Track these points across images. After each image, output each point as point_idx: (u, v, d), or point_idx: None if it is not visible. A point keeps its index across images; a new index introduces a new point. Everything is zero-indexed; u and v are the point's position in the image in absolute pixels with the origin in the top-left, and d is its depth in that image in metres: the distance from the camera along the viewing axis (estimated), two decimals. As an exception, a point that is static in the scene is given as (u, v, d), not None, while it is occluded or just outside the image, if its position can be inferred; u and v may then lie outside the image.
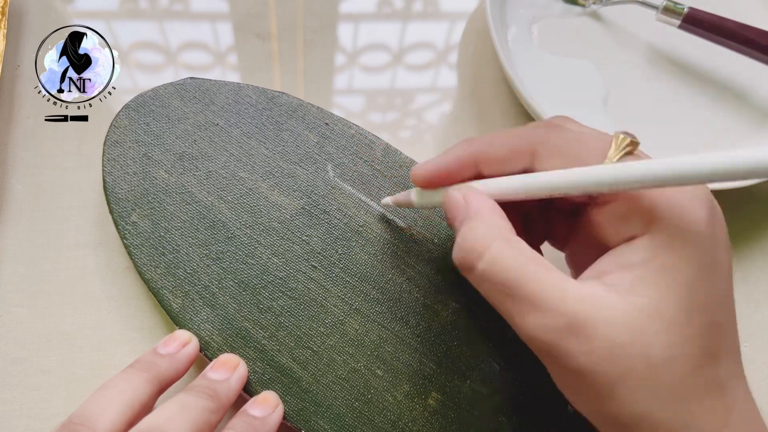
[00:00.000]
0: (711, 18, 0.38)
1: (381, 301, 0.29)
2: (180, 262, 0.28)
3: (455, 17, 0.42)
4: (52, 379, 0.29)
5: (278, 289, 0.28)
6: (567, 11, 0.41)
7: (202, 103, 0.32)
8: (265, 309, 0.28)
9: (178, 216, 0.29)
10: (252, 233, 0.29)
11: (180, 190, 0.30)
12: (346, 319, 0.28)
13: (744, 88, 0.40)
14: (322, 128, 0.33)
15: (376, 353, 0.28)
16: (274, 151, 0.32)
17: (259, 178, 0.31)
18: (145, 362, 0.25)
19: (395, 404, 0.27)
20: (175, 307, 0.27)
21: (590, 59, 0.40)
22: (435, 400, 0.27)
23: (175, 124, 0.31)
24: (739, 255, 0.36)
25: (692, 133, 0.38)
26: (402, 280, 0.29)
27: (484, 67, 0.40)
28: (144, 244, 0.28)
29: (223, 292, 0.28)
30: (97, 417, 0.22)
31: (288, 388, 0.27)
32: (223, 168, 0.31)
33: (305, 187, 0.31)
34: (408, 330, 0.28)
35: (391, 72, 0.40)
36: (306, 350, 0.27)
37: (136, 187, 0.30)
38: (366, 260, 0.30)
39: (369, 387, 0.27)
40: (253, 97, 0.33)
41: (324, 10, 0.41)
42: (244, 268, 0.29)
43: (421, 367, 0.28)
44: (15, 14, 0.37)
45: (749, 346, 0.34)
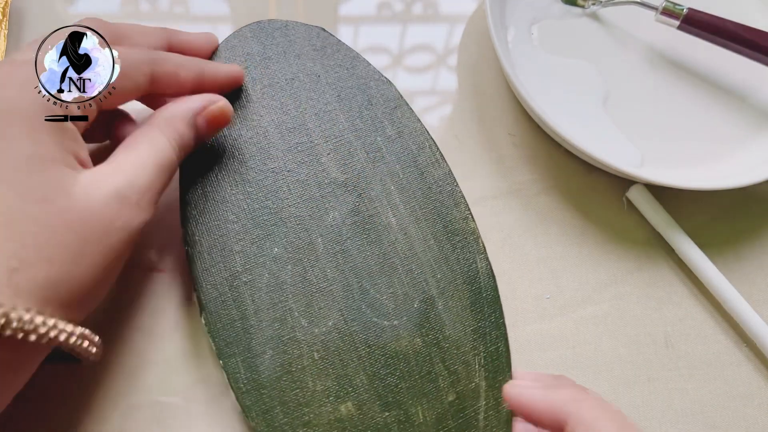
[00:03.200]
0: (710, 19, 0.38)
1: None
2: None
3: (455, 19, 0.42)
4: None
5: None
6: (567, 12, 0.41)
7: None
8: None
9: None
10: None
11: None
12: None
13: (744, 89, 0.40)
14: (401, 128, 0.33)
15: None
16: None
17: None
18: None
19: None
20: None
21: (590, 60, 0.40)
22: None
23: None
24: (739, 255, 0.36)
25: (692, 134, 0.38)
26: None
27: (484, 69, 0.40)
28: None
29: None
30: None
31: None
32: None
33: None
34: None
35: (391, 74, 0.40)
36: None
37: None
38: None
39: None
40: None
41: (324, 13, 0.41)
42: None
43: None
44: (15, 14, 0.37)
45: (748, 348, 0.34)
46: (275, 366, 0.27)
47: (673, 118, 0.39)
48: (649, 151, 0.37)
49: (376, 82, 0.33)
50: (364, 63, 0.34)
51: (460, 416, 0.28)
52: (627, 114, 0.38)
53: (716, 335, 0.34)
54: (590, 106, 0.38)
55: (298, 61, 0.33)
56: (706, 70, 0.40)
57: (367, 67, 0.34)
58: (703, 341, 0.34)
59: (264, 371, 0.27)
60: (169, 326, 0.31)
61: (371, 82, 0.33)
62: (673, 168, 0.37)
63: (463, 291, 0.30)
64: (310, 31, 0.34)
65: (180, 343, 0.30)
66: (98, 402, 0.29)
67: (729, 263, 0.36)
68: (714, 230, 0.37)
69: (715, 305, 0.35)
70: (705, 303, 0.35)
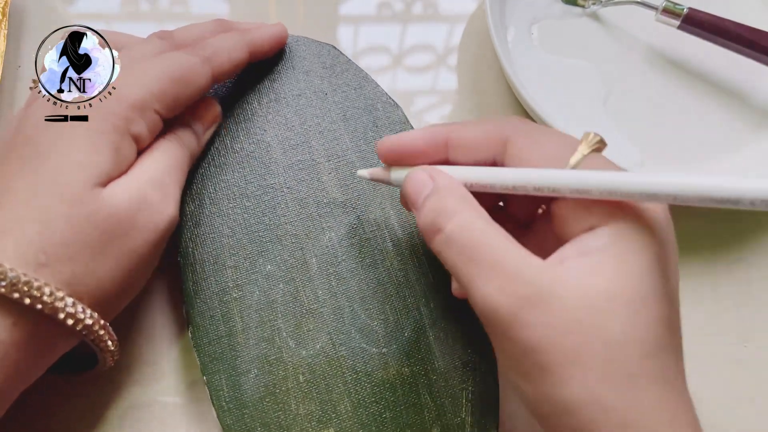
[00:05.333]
0: (710, 18, 0.38)
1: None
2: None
3: (455, 19, 0.42)
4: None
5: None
6: (567, 12, 0.41)
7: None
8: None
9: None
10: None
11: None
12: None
13: (744, 88, 0.40)
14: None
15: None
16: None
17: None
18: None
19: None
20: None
21: (590, 60, 0.40)
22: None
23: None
24: (739, 255, 0.36)
25: (692, 134, 0.38)
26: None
27: (484, 69, 0.40)
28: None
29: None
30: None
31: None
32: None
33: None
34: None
35: (391, 74, 0.40)
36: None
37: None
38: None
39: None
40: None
41: (324, 12, 0.41)
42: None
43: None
44: (15, 15, 0.37)
45: (749, 347, 0.34)
46: (259, 386, 0.27)
47: (673, 118, 0.39)
48: (649, 151, 0.37)
49: (384, 104, 0.33)
50: (372, 84, 0.33)
51: None
52: (627, 114, 0.38)
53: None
54: (590, 106, 0.38)
55: (307, 77, 0.33)
56: (706, 70, 0.40)
57: (375, 89, 0.33)
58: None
59: (247, 390, 0.27)
60: (168, 326, 0.31)
61: (378, 104, 0.33)
62: (673, 168, 0.37)
63: (456, 323, 0.29)
64: (320, 48, 0.34)
65: (180, 343, 0.30)
66: (98, 402, 0.29)
67: (729, 263, 0.36)
68: (714, 230, 0.37)
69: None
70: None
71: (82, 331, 0.23)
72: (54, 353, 0.24)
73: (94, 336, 0.24)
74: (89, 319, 0.23)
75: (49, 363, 0.24)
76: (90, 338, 0.24)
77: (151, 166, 0.26)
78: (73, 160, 0.23)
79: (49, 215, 0.23)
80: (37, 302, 0.21)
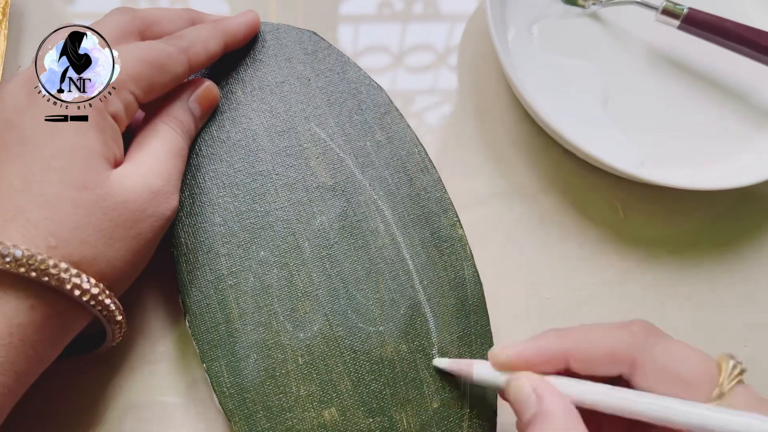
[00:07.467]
0: (710, 18, 0.38)
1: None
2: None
3: (455, 18, 0.42)
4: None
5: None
6: (567, 12, 0.41)
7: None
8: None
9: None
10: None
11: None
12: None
13: (744, 88, 0.40)
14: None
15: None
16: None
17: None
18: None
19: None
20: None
21: (590, 60, 0.40)
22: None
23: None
24: (739, 255, 0.36)
25: (692, 134, 0.38)
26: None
27: (484, 68, 0.40)
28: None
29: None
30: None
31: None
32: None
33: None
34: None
35: (391, 74, 0.40)
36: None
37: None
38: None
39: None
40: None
41: (324, 12, 0.41)
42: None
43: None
44: (15, 15, 0.37)
45: (749, 347, 0.34)
46: (259, 370, 0.27)
47: (673, 118, 0.39)
48: (649, 151, 0.37)
49: (367, 87, 0.33)
50: (355, 68, 0.33)
51: (444, 423, 0.28)
52: (627, 114, 0.38)
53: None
54: (590, 106, 0.38)
55: (289, 64, 0.33)
56: (706, 70, 0.40)
57: (357, 72, 0.33)
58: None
59: (248, 375, 0.27)
60: (167, 326, 0.31)
61: (362, 87, 0.33)
62: (673, 168, 0.37)
63: (450, 298, 0.29)
64: (301, 35, 0.34)
65: (179, 342, 0.30)
66: (98, 402, 0.29)
67: (730, 263, 0.36)
68: (714, 230, 0.37)
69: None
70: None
71: (90, 302, 0.23)
72: (68, 334, 0.25)
73: (101, 306, 0.24)
74: (95, 288, 0.23)
75: (64, 344, 0.25)
76: (98, 309, 0.24)
77: (152, 155, 0.27)
78: (65, 145, 0.24)
79: (53, 201, 0.23)
80: (43, 275, 0.22)
